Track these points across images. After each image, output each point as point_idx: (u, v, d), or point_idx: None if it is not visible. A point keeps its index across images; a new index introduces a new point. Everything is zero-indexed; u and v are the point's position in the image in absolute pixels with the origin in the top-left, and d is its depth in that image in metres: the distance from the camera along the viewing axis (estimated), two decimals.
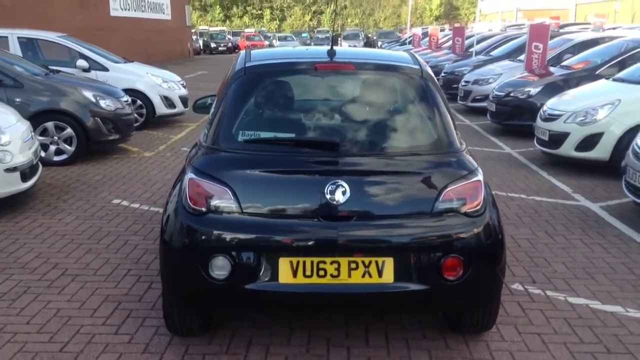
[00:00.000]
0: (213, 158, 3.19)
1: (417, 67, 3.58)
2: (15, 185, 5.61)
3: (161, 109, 10.54)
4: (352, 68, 3.53)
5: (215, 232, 3.00)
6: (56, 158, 7.63)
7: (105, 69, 10.11)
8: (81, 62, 9.83)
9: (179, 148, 8.96)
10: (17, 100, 7.34)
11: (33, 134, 6.24)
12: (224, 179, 3.05)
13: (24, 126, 6.03)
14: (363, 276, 2.97)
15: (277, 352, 3.34)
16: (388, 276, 2.97)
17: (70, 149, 7.70)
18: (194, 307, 3.27)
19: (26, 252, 4.79)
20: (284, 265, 2.97)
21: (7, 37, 9.91)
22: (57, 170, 7.38)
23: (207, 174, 3.09)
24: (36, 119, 7.16)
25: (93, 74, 9.83)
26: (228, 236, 3.00)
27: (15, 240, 5.02)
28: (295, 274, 2.97)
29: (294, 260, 2.97)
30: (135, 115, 9.57)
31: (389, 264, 2.97)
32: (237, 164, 3.13)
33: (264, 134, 3.25)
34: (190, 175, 3.13)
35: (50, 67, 8.64)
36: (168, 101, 10.61)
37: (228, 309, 3.51)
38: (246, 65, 3.51)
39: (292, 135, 3.29)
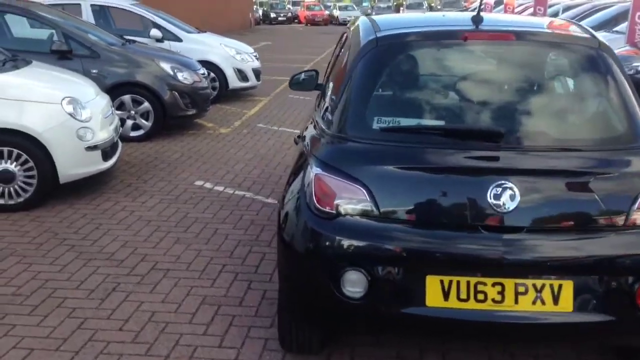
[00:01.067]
0: (343, 150, 2.65)
1: (589, 36, 2.91)
2: (97, 164, 5.22)
3: (234, 82, 10.06)
4: (512, 38, 2.86)
5: (349, 240, 2.48)
6: (133, 134, 7.26)
7: (179, 40, 9.68)
8: (155, 32, 9.41)
9: (254, 124, 8.50)
10: (93, 71, 6.97)
11: (113, 108, 5.86)
12: (359, 176, 2.51)
13: (104, 100, 5.63)
14: (534, 303, 2.39)
15: None
16: (565, 304, 2.38)
17: (147, 124, 7.30)
18: (317, 325, 2.78)
19: (111, 239, 4.40)
20: (433, 284, 2.42)
21: (79, 4, 9.56)
22: (134, 147, 7.01)
23: (337, 169, 2.55)
24: (113, 92, 6.75)
25: (166, 44, 9.41)
26: (364, 246, 2.47)
27: (98, 226, 4.64)
28: (447, 296, 2.42)
29: (446, 279, 2.41)
30: None
31: (567, 288, 2.37)
32: (373, 157, 2.57)
33: (405, 121, 2.67)
34: (316, 170, 2.60)
35: (124, 36, 8.26)
36: (241, 74, 10.12)
37: (360, 331, 3.01)
38: (377, 36, 2.91)
39: (441, 123, 2.69)
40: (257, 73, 10.48)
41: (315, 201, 2.56)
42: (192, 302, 3.52)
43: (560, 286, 2.37)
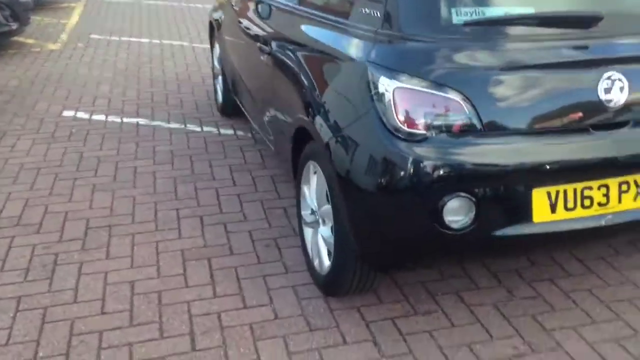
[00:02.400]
0: (426, 53, 2.11)
1: None
2: None
3: None
4: None
5: (451, 163, 2.05)
6: None
7: None
8: None
9: (87, 36, 7.21)
10: None
11: None
12: (453, 85, 2.06)
13: None
14: (635, 199, 2.24)
15: (475, 302, 2.57)
16: None
17: None
18: (405, 267, 2.34)
19: (4, 199, 3.38)
20: (540, 198, 2.11)
21: None
22: None
23: (423, 79, 2.06)
24: None
25: None
26: (470, 167, 2.06)
27: None
28: (554, 208, 2.15)
29: (553, 190, 2.12)
30: None
31: None
32: (465, 59, 2.10)
33: (490, 11, 2.23)
34: (393, 82, 2.07)
35: None
36: None
37: (458, 263, 2.63)
38: None
39: (531, 10, 2.29)
40: None
41: (399, 122, 2.06)
42: (171, 260, 2.84)
43: None
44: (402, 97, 2.06)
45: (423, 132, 2.05)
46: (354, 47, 2.32)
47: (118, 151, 4.05)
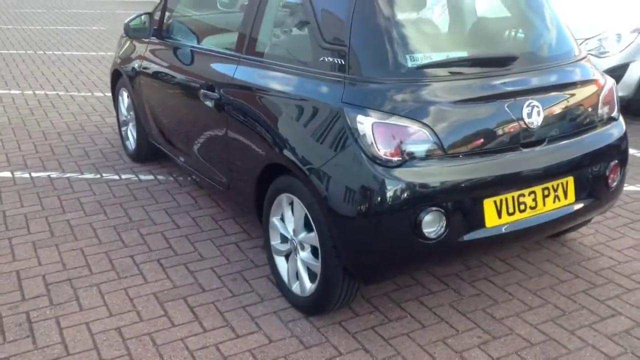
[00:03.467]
0: (391, 92, 2.52)
1: None
2: None
3: None
4: None
5: (424, 182, 2.46)
6: None
7: None
8: None
9: None
10: None
11: None
12: (419, 118, 2.48)
13: None
14: (554, 201, 2.80)
15: (433, 304, 2.98)
16: (570, 196, 2.86)
17: None
18: (386, 277, 2.67)
19: None
20: (489, 206, 2.61)
21: None
22: None
23: (394, 114, 2.46)
24: None
25: None
26: (438, 185, 2.48)
27: None
28: (500, 214, 2.65)
29: (497, 199, 2.63)
30: None
31: (570, 183, 2.85)
32: (423, 96, 2.55)
33: (436, 56, 2.67)
34: (370, 119, 2.45)
35: None
36: None
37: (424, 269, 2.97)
38: None
39: (464, 54, 2.77)
40: None
41: (378, 151, 2.43)
42: (148, 304, 2.92)
43: (566, 183, 2.83)
44: (378, 130, 2.45)
45: (399, 158, 2.45)
46: (324, 91, 2.66)
47: (42, 206, 3.97)
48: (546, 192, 2.77)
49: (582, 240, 3.61)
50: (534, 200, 2.73)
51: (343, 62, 2.61)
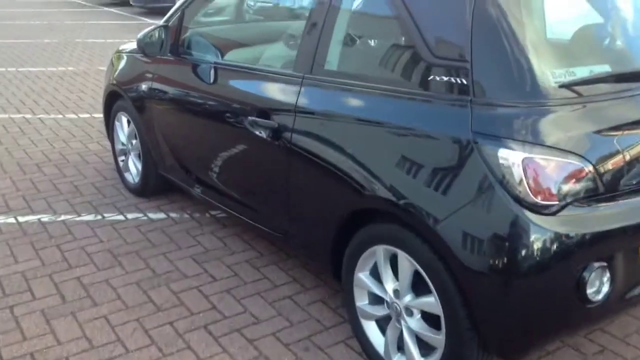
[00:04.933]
0: (540, 118, 2.00)
1: None
2: None
3: None
4: None
5: (589, 231, 1.95)
6: None
7: None
8: None
9: None
10: None
11: None
12: (579, 149, 1.98)
13: None
14: None
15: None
16: None
17: None
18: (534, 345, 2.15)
19: None
20: None
21: None
22: None
23: (547, 146, 1.95)
24: None
25: None
26: (605, 234, 1.98)
27: None
28: None
29: None
30: None
31: None
32: (578, 121, 2.05)
33: (579, 71, 2.16)
34: (522, 152, 1.93)
35: None
36: None
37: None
38: None
39: (606, 67, 2.27)
40: None
41: (532, 194, 1.91)
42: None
43: None
44: (532, 168, 1.93)
45: (557, 202, 1.94)
46: (441, 118, 2.13)
47: (42, 261, 3.27)
48: None
49: None
50: None
51: (464, 81, 2.08)
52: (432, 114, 2.17)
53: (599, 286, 1.99)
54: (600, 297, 2.00)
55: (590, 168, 1.98)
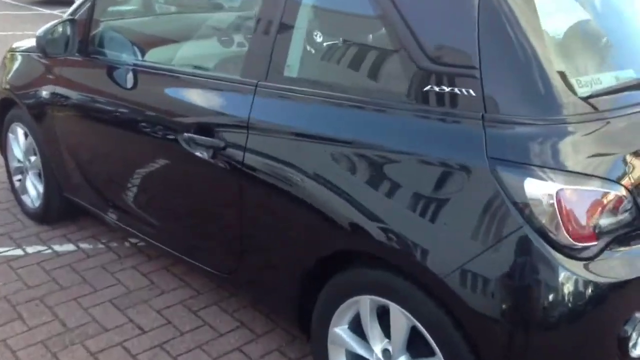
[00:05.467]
0: (572, 139, 1.59)
1: None
2: None
3: None
4: None
5: (634, 277, 1.59)
6: None
7: None
8: None
9: None
10: None
11: None
12: (617, 177, 1.59)
13: None
14: None
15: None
16: None
17: None
18: None
19: None
20: None
21: None
22: None
23: (586, 174, 1.56)
24: None
25: None
26: None
27: None
28: None
29: None
30: None
31: None
32: (612, 141, 1.66)
33: (604, 78, 1.77)
34: (554, 183, 1.52)
35: None
36: None
37: None
38: None
39: (631, 73, 1.87)
40: None
41: (568, 234, 1.52)
42: None
43: None
44: (569, 201, 1.53)
45: (595, 243, 1.56)
46: (445, 140, 1.68)
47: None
48: None
49: None
50: None
51: (472, 92, 1.65)
52: (433, 134, 1.72)
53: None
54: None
55: (630, 198, 1.62)
